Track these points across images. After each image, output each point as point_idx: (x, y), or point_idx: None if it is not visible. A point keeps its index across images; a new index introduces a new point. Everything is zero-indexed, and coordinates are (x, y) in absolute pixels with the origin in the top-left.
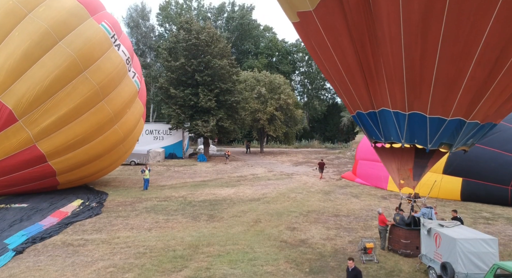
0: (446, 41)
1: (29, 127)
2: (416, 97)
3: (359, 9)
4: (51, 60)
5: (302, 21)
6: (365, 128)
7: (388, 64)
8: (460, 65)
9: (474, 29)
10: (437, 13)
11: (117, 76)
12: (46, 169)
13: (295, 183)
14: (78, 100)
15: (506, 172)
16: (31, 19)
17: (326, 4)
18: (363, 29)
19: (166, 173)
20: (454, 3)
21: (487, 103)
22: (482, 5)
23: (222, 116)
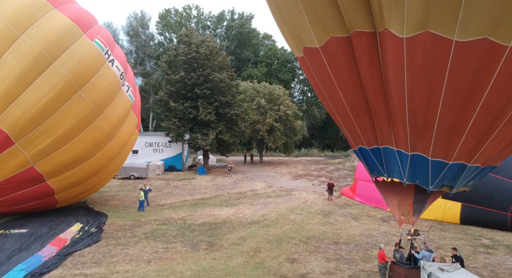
0: (449, 90)
1: (26, 149)
2: (419, 140)
3: (367, 51)
4: (46, 82)
5: (307, 56)
6: (367, 163)
7: (392, 105)
8: (463, 113)
9: (478, 80)
10: (441, 63)
11: (112, 93)
12: (44, 188)
13: (294, 202)
14: (74, 120)
15: (505, 198)
16: (23, 41)
17: (335, 42)
18: (370, 69)
19: (166, 189)
20: (458, 55)
21: (488, 149)
22: (486, 58)
23: (222, 129)
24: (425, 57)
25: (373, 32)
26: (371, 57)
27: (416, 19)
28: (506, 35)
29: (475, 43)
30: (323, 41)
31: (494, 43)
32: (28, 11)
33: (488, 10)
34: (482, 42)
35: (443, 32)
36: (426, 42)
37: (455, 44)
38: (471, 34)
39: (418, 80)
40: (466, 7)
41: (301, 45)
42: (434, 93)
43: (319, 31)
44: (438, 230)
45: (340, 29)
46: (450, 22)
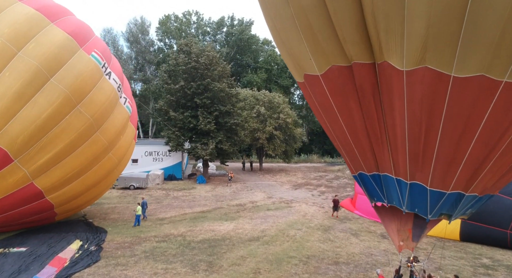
0: (447, 122)
1: (25, 166)
2: (418, 169)
3: (368, 80)
4: (44, 98)
5: (307, 82)
6: (367, 189)
7: (392, 135)
8: (460, 145)
9: (474, 114)
10: (440, 96)
11: (110, 106)
12: (44, 204)
13: (294, 215)
14: (73, 135)
15: (505, 215)
16: (21, 58)
17: (336, 70)
18: (371, 98)
19: (165, 200)
20: (456, 89)
21: (485, 179)
22: (482, 93)
23: (222, 138)
24: (424, 90)
25: (373, 63)
26: (371, 87)
27: (415, 54)
28: (501, 71)
29: (472, 79)
30: (324, 70)
31: (490, 79)
32: (25, 27)
33: (484, 50)
34: (479, 78)
35: (441, 67)
36: (424, 76)
37: (453, 79)
38: (469, 71)
39: (417, 111)
40: (463, 46)
41: (302, 72)
42: (433, 125)
43: (320, 60)
44: (438, 248)
45: (341, 59)
46: (448, 58)
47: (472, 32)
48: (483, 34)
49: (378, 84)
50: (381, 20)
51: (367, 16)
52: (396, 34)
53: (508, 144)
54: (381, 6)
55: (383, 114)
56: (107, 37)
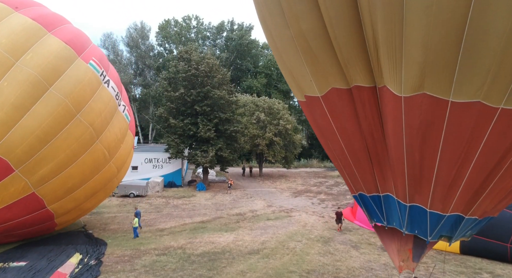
0: (446, 146)
1: (26, 175)
2: (417, 191)
3: (368, 103)
4: (43, 108)
5: (308, 102)
6: (367, 209)
7: (392, 157)
8: (459, 169)
9: (472, 139)
10: (438, 121)
11: (109, 114)
12: (44, 213)
13: (294, 225)
14: (73, 145)
15: (505, 229)
16: (19, 68)
17: (336, 92)
18: (371, 121)
19: (165, 209)
20: (454, 115)
21: (484, 202)
22: (479, 119)
23: (222, 146)
24: (422, 116)
25: (373, 86)
26: (371, 110)
27: (413, 81)
28: (497, 98)
29: (470, 105)
30: (324, 92)
31: (486, 106)
32: (22, 37)
33: (481, 77)
34: (476, 105)
35: (439, 93)
36: (423, 102)
37: (451, 104)
38: (466, 96)
39: (416, 136)
40: (460, 73)
41: (303, 93)
42: (432, 149)
43: (321, 82)
44: (438, 262)
45: (342, 81)
46: (446, 85)
47: (468, 59)
48: (479, 61)
49: (379, 107)
50: (381, 46)
51: (368, 41)
52: (395, 60)
53: (506, 169)
54: (382, 33)
55: (384, 136)
56: (107, 42)
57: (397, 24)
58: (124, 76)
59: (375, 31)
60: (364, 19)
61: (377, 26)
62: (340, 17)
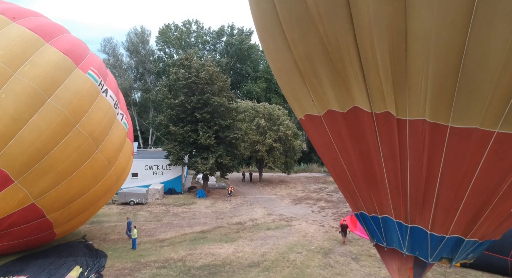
0: (445, 170)
1: (26, 186)
2: (418, 213)
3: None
4: (42, 119)
5: (309, 121)
6: (368, 229)
7: (394, 179)
8: (458, 191)
9: (470, 163)
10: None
11: (108, 124)
12: (44, 222)
13: (294, 236)
14: (73, 155)
15: (505, 242)
16: (17, 79)
17: (333, 114)
18: (369, 143)
19: (165, 218)
20: (453, 140)
21: (484, 225)
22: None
23: (222, 153)
24: (425, 139)
25: (370, 111)
26: (369, 133)
27: (417, 106)
28: (493, 122)
29: (468, 130)
30: (323, 111)
31: (483, 131)
32: (20, 48)
33: (478, 105)
34: (474, 131)
35: (439, 119)
36: (425, 126)
37: (450, 129)
38: (464, 123)
39: (418, 159)
40: (458, 100)
41: (304, 112)
42: (433, 172)
43: (319, 103)
44: (439, 275)
45: (338, 105)
46: (446, 111)
47: (466, 88)
48: (476, 91)
49: (376, 131)
50: (383, 73)
51: (368, 67)
52: (399, 86)
53: (504, 192)
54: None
55: (382, 159)
56: (107, 46)
57: (400, 53)
58: (124, 81)
59: (375, 58)
60: (364, 45)
61: (379, 54)
62: (338, 43)
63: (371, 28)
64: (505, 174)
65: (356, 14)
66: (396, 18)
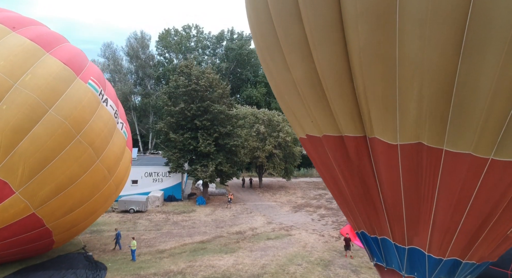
0: (441, 193)
1: (26, 197)
2: (416, 234)
3: (360, 152)
4: (43, 130)
5: (309, 141)
6: (369, 248)
7: (389, 201)
8: (454, 215)
9: (466, 187)
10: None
11: (109, 133)
12: (43, 231)
13: (294, 246)
14: (73, 166)
15: (506, 255)
16: (18, 90)
17: (328, 139)
18: (364, 168)
19: (165, 227)
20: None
21: (481, 247)
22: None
23: (221, 160)
24: (418, 163)
25: (364, 136)
26: (363, 158)
27: (408, 131)
28: (486, 149)
29: (462, 156)
30: (321, 134)
31: (476, 157)
32: (21, 59)
33: (471, 131)
34: (467, 156)
35: (434, 143)
36: (419, 150)
37: (445, 153)
38: (458, 148)
39: (413, 180)
40: (451, 126)
41: (304, 132)
42: (428, 194)
43: (316, 127)
44: None
45: (333, 129)
46: (439, 136)
47: (459, 114)
48: (468, 116)
49: (371, 155)
50: (371, 98)
51: (360, 94)
52: (388, 111)
53: (500, 216)
54: (373, 86)
55: (377, 183)
56: (107, 51)
57: (391, 79)
58: (124, 86)
59: (366, 84)
60: (355, 73)
61: (369, 81)
62: (331, 70)
63: (362, 54)
64: (501, 199)
65: (348, 41)
66: (387, 46)
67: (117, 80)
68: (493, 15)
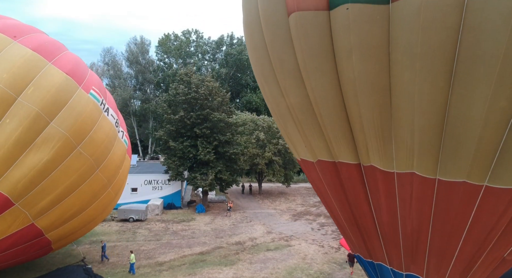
0: (437, 221)
1: (26, 208)
2: (413, 262)
3: (354, 178)
4: (44, 143)
5: (304, 164)
6: (366, 270)
7: (385, 228)
8: (451, 241)
9: (461, 214)
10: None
11: (110, 143)
12: (42, 241)
13: (294, 258)
14: (73, 176)
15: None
16: (20, 103)
17: (322, 164)
18: (358, 194)
19: (164, 237)
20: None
21: (478, 272)
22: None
23: (221, 168)
24: (414, 192)
25: (358, 164)
26: (356, 185)
27: (404, 160)
28: (480, 176)
29: (456, 184)
30: (315, 159)
31: (471, 184)
32: (24, 71)
33: (463, 159)
34: (462, 184)
35: (427, 173)
36: (413, 180)
37: (438, 182)
38: (452, 176)
39: (409, 209)
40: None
41: (299, 156)
42: (424, 222)
43: (310, 151)
44: None
45: (327, 155)
46: (433, 165)
47: (451, 143)
48: (461, 146)
49: (365, 182)
50: (367, 128)
51: (353, 122)
52: (384, 140)
53: (496, 241)
54: (369, 117)
55: (373, 210)
56: (107, 56)
57: (385, 108)
58: (123, 92)
59: (361, 113)
60: (349, 102)
61: (364, 109)
62: (324, 98)
63: (355, 84)
64: (497, 224)
65: (341, 71)
66: (380, 76)
67: (116, 86)
68: (481, 49)
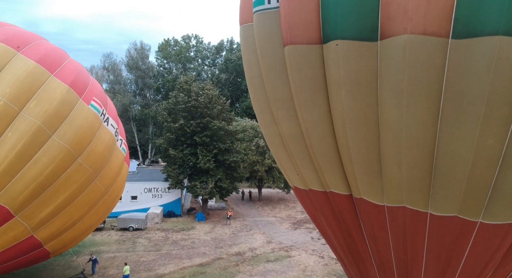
0: (430, 254)
1: (25, 220)
2: None
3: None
4: (45, 156)
5: (297, 191)
6: None
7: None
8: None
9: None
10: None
11: (109, 153)
12: (41, 252)
13: (294, 270)
14: (73, 187)
15: None
16: (23, 117)
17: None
18: (350, 224)
19: (164, 247)
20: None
21: None
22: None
23: (221, 176)
24: (406, 225)
25: (349, 194)
26: (348, 215)
27: (393, 194)
28: (474, 213)
29: (448, 218)
30: (307, 187)
31: (464, 220)
32: (27, 84)
33: (454, 196)
34: (454, 218)
35: (418, 207)
36: (405, 214)
37: (430, 216)
38: (443, 211)
39: (402, 241)
40: (434, 191)
41: (292, 183)
42: (417, 255)
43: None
44: None
45: (318, 185)
46: (423, 200)
47: (440, 179)
48: (450, 181)
49: (357, 213)
50: (356, 161)
51: (344, 154)
52: (373, 174)
53: (492, 274)
54: (358, 150)
55: (366, 239)
56: (106, 62)
57: (374, 143)
58: (123, 97)
59: (350, 147)
60: (339, 135)
61: (352, 143)
62: (315, 129)
63: (344, 117)
64: (492, 259)
65: (332, 104)
66: (368, 111)
67: (116, 91)
68: (466, 88)
